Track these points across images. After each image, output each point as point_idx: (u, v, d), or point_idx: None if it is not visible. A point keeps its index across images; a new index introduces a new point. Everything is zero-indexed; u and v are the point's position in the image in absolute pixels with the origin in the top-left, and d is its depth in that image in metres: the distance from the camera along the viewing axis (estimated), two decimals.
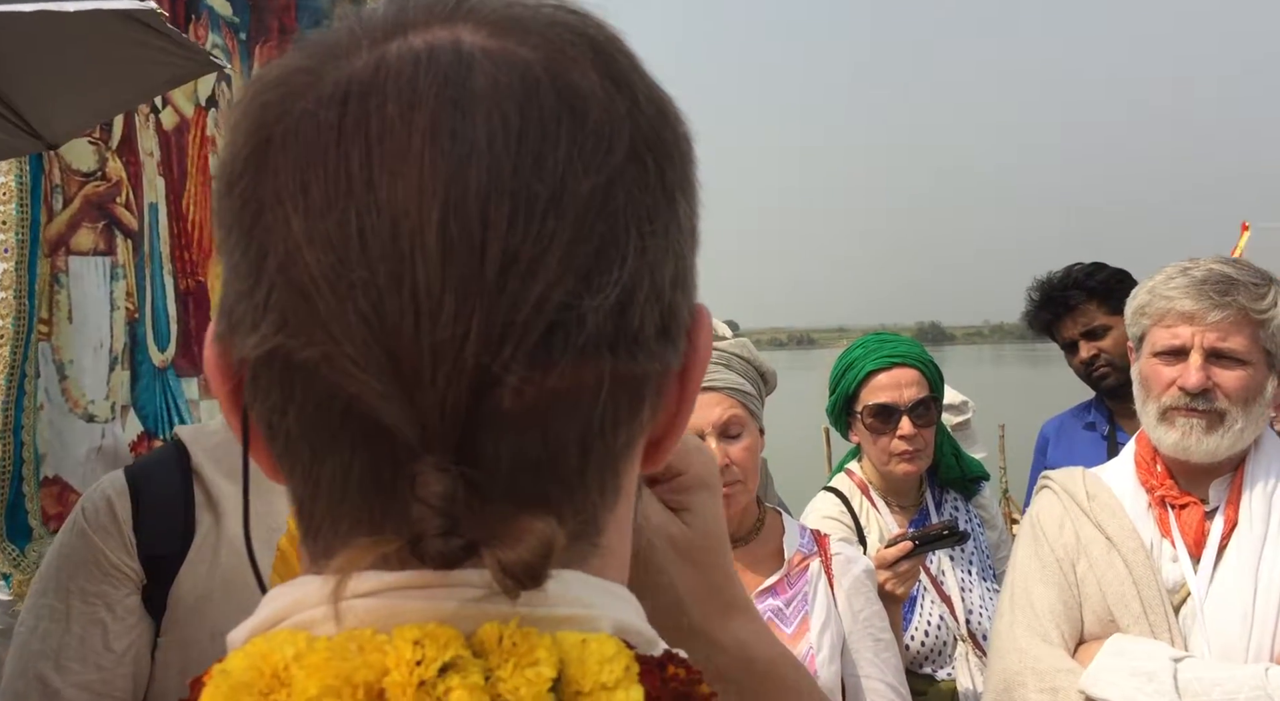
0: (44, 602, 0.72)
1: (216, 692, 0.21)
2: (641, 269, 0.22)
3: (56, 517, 1.81)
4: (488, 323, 0.20)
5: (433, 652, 0.20)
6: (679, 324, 0.24)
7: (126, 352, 2.09)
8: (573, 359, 0.21)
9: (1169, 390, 0.94)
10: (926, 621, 1.24)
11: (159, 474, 0.76)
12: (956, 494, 1.36)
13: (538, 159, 0.21)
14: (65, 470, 1.85)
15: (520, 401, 0.21)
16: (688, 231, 0.24)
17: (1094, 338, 1.63)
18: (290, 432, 0.22)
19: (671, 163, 0.23)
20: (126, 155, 2.13)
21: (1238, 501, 0.94)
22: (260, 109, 0.22)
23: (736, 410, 1.01)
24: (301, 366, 0.21)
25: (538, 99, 0.21)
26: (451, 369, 0.20)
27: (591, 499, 0.23)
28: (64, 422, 1.87)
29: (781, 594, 1.01)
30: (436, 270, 0.20)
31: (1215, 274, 0.93)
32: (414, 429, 0.20)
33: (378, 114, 0.21)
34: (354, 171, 0.20)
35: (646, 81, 0.24)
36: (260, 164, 0.22)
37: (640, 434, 0.24)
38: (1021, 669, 0.92)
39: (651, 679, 0.22)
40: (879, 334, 1.38)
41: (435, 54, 0.22)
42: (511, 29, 0.23)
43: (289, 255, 0.21)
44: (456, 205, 0.20)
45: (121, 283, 2.11)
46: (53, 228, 1.94)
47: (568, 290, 0.21)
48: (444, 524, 0.20)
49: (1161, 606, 0.91)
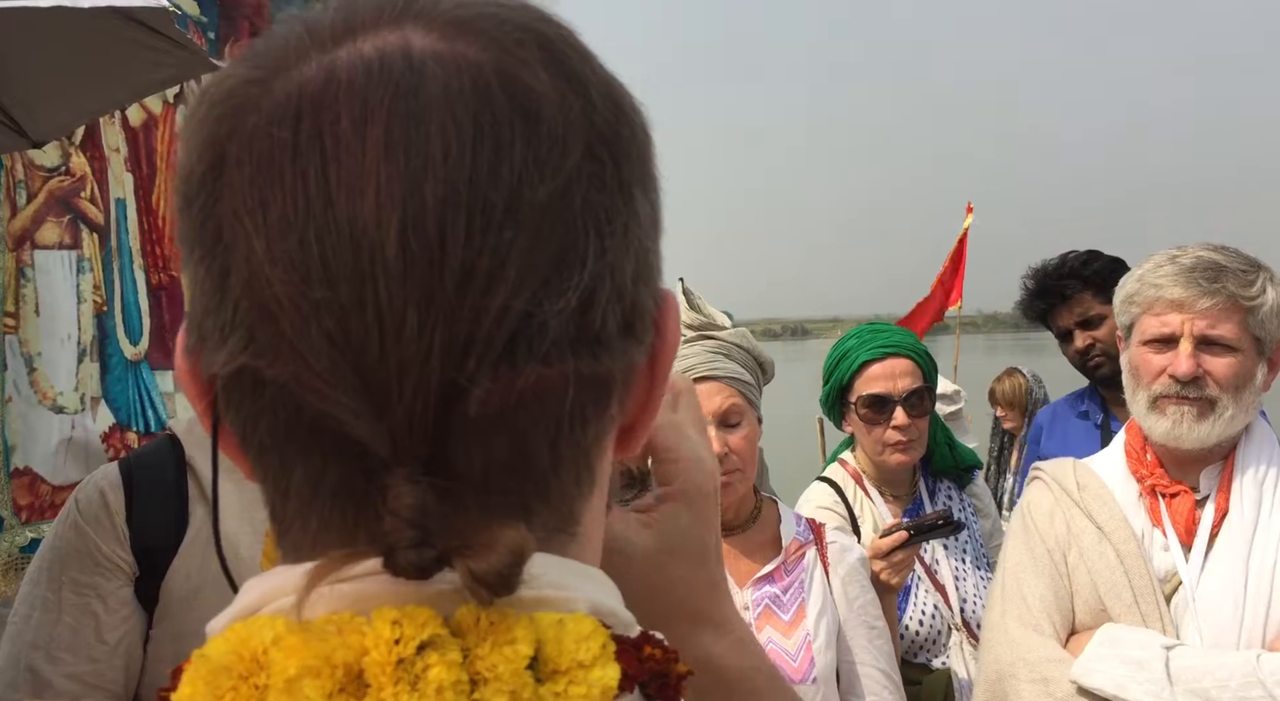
0: (37, 593, 0.71)
1: (196, 676, 0.21)
2: (602, 270, 0.22)
3: (28, 508, 1.79)
4: (450, 336, 0.20)
5: (411, 631, 0.20)
6: (644, 318, 0.24)
7: (95, 345, 2.07)
8: (536, 364, 0.21)
9: (1159, 378, 0.94)
10: (921, 610, 1.24)
11: (153, 467, 0.76)
12: (950, 483, 1.36)
13: (493, 168, 0.21)
14: (35, 461, 1.83)
15: (487, 409, 0.21)
16: (649, 224, 0.24)
17: (1089, 327, 1.64)
18: (262, 443, 0.23)
19: (629, 158, 0.23)
20: (91, 151, 2.09)
21: (1228, 489, 0.94)
22: (213, 123, 0.22)
23: (736, 399, 1.00)
24: (270, 383, 0.21)
25: (490, 105, 0.21)
26: (417, 383, 0.20)
27: (568, 492, 0.24)
28: (33, 414, 1.85)
29: (778, 581, 1.01)
30: (398, 287, 0.20)
31: (1204, 261, 0.93)
32: (384, 443, 0.21)
33: (331, 130, 0.21)
34: (311, 190, 0.21)
35: (600, 76, 0.24)
36: (217, 181, 0.22)
37: (610, 426, 0.25)
38: (1013, 659, 0.92)
39: (628, 658, 0.22)
40: (872, 324, 1.38)
41: (386, 62, 0.21)
42: (461, 30, 0.22)
43: (252, 275, 0.21)
44: (414, 221, 0.20)
45: (89, 276, 2.07)
46: (17, 222, 1.93)
47: (528, 298, 0.21)
48: (416, 535, 0.20)
49: (1153, 595, 0.92)
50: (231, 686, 0.20)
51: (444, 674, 0.20)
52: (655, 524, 0.33)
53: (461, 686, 0.20)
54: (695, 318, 1.06)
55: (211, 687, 0.20)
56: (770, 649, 0.98)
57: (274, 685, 0.20)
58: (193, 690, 0.20)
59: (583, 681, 0.21)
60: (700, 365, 1.01)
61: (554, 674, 0.21)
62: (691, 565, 0.33)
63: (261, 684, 0.20)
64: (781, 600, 1.00)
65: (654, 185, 0.24)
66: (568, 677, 0.21)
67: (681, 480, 0.33)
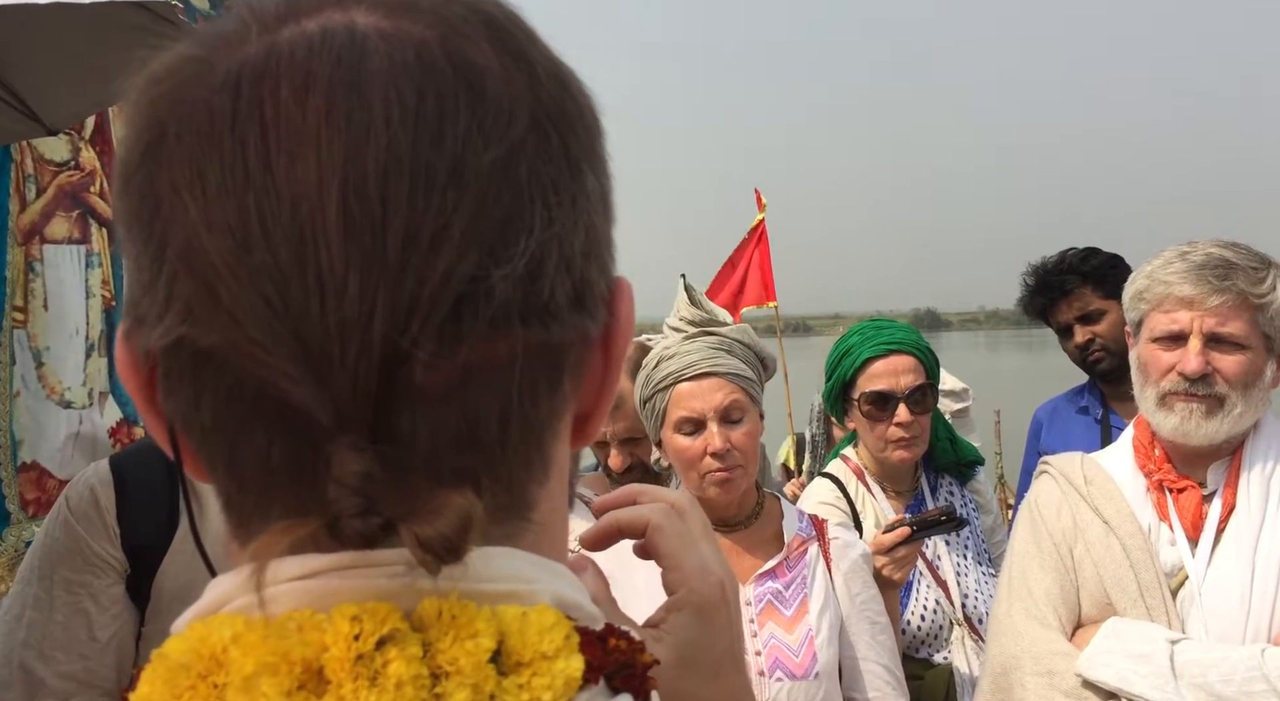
0: (28, 591, 0.71)
1: (154, 676, 0.20)
2: (549, 239, 0.22)
3: (35, 502, 1.81)
4: (393, 299, 0.20)
5: (370, 627, 0.20)
6: (594, 294, 0.24)
7: (104, 340, 2.08)
8: (483, 331, 0.21)
9: (1168, 375, 0.93)
10: (923, 605, 1.24)
11: (143, 464, 0.75)
12: (951, 479, 1.36)
13: (436, 135, 0.21)
14: (43, 456, 1.84)
15: (433, 376, 0.21)
16: (598, 203, 0.24)
17: (1089, 322, 1.64)
18: (205, 424, 0.22)
19: (575, 135, 0.23)
20: (100, 144, 2.10)
21: (1236, 485, 0.94)
22: (152, 102, 0.22)
23: (738, 395, 1.01)
24: (209, 355, 0.21)
25: (434, 76, 0.21)
26: (360, 347, 0.20)
27: (517, 473, 0.23)
28: (41, 409, 1.86)
29: (781, 577, 1.01)
30: (339, 250, 0.20)
31: (1214, 258, 0.92)
32: (327, 409, 0.20)
33: (271, 98, 0.20)
34: (250, 156, 0.20)
35: (545, 55, 0.24)
36: (155, 156, 0.21)
37: (563, 407, 0.24)
38: (1019, 652, 0.92)
39: (592, 649, 0.22)
40: (875, 320, 1.37)
41: (329, 36, 0.21)
42: (406, 9, 0.22)
43: (189, 243, 0.20)
44: (356, 184, 0.20)
45: (97, 270, 2.08)
46: (26, 217, 1.93)
47: (474, 263, 0.21)
48: (360, 503, 0.20)
49: (1159, 589, 0.91)
50: (190, 685, 0.20)
51: (403, 668, 0.19)
52: (666, 637, 0.32)
53: (422, 680, 0.19)
54: (697, 314, 1.06)
55: (170, 686, 0.20)
56: (772, 644, 0.98)
57: (232, 683, 0.19)
58: (151, 689, 0.20)
59: (546, 672, 0.20)
60: (702, 361, 1.01)
61: (517, 666, 0.20)
62: (705, 677, 0.32)
63: (220, 682, 0.20)
64: (784, 596, 1.00)
65: (603, 168, 0.24)
66: (531, 669, 0.20)
67: (687, 589, 0.33)
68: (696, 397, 0.99)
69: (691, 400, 1.00)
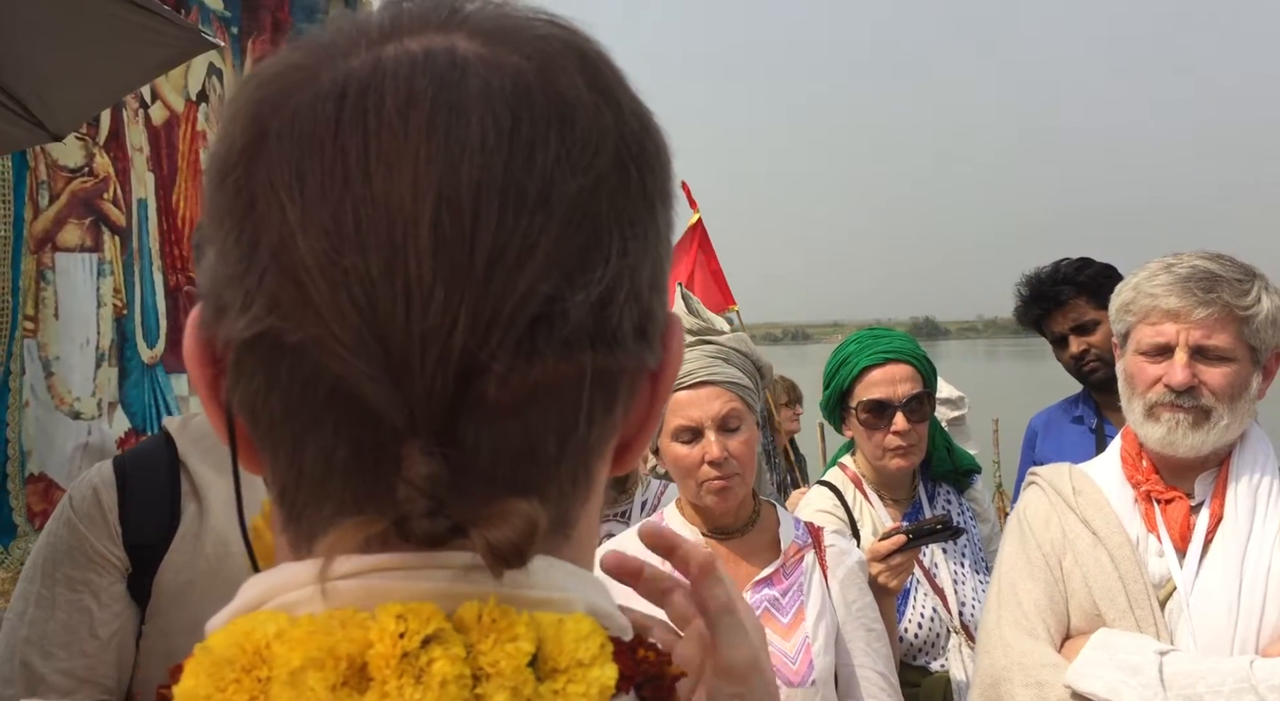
0: (31, 589, 0.72)
1: (198, 669, 0.21)
2: (623, 270, 0.23)
3: (42, 514, 1.80)
4: (476, 312, 0.21)
5: (416, 625, 0.20)
6: (655, 325, 0.25)
7: (114, 349, 2.07)
8: (556, 351, 0.22)
9: (1154, 387, 0.94)
10: (920, 613, 1.25)
11: (145, 464, 0.76)
12: (949, 487, 1.37)
13: (528, 159, 0.22)
14: (51, 467, 1.84)
15: (505, 391, 0.21)
16: (665, 239, 0.25)
17: (1084, 332, 1.65)
18: (274, 416, 0.23)
19: (653, 172, 0.24)
20: (114, 151, 2.11)
21: (1223, 496, 0.95)
22: (256, 103, 0.23)
23: (735, 404, 1.02)
24: (290, 349, 0.22)
25: (529, 103, 0.22)
26: (440, 355, 0.21)
27: (565, 491, 0.24)
28: (50, 419, 1.86)
29: (777, 584, 1.02)
30: (428, 261, 0.21)
31: (1200, 271, 0.94)
32: (401, 412, 0.21)
33: (375, 110, 0.21)
34: (351, 163, 0.21)
35: (630, 95, 0.25)
36: (255, 155, 0.22)
37: (613, 432, 0.25)
38: (1008, 664, 0.93)
39: (624, 658, 0.22)
40: (873, 329, 1.39)
41: (432, 57, 0.22)
42: (504, 38, 0.23)
43: (283, 242, 0.21)
44: (449, 199, 0.21)
45: (109, 279, 2.08)
46: (39, 224, 1.92)
47: (554, 284, 0.21)
48: (430, 504, 0.21)
49: (1147, 600, 0.92)
50: (234, 678, 0.20)
51: (448, 668, 0.20)
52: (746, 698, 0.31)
53: (465, 680, 0.20)
54: (695, 323, 1.08)
55: (214, 680, 0.20)
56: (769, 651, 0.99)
57: (277, 676, 0.20)
58: (195, 682, 0.21)
59: (581, 680, 0.21)
60: (700, 370, 1.03)
61: (554, 672, 0.21)
62: None
63: (264, 676, 0.20)
64: (780, 603, 1.01)
65: (672, 204, 0.25)
66: (567, 676, 0.21)
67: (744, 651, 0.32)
68: (694, 406, 1.01)
69: (689, 408, 1.01)
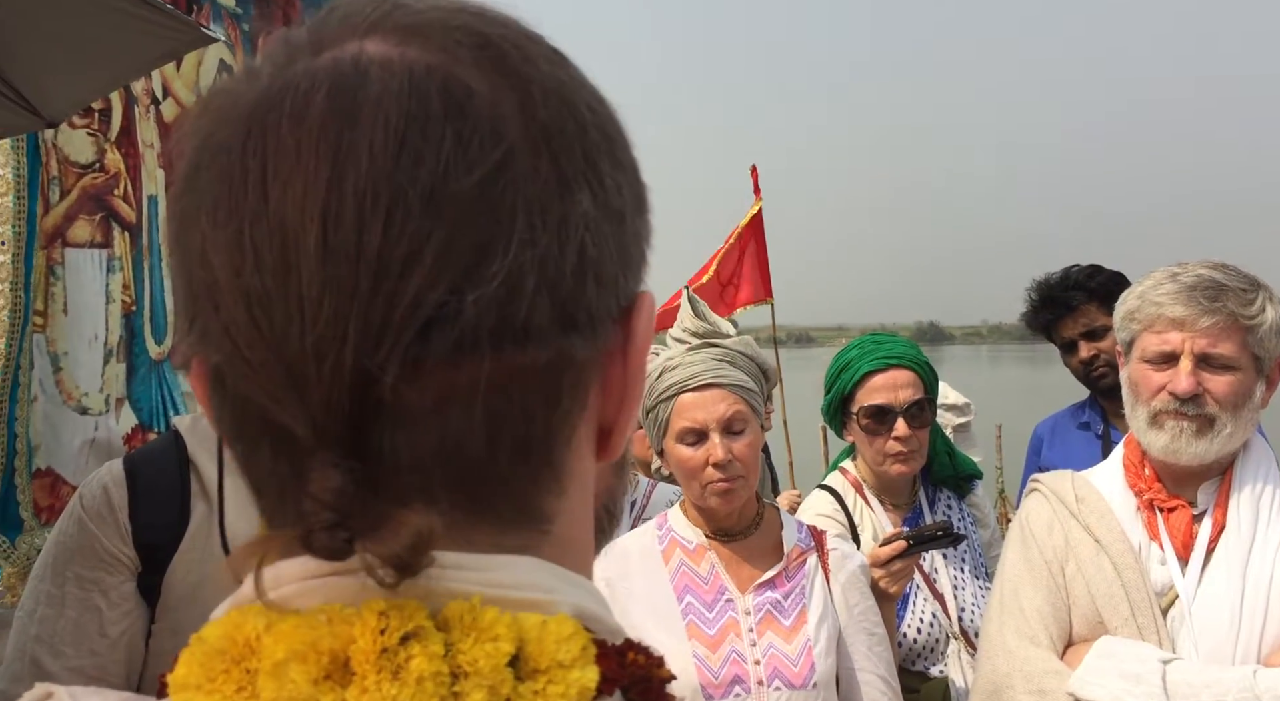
0: (41, 588, 0.73)
1: (192, 658, 0.22)
2: (529, 260, 0.22)
3: (49, 510, 1.80)
4: (364, 323, 0.21)
5: (396, 623, 0.21)
6: (589, 312, 0.24)
7: (122, 345, 2.07)
8: (448, 354, 0.21)
9: (1159, 395, 0.94)
10: (919, 618, 1.25)
11: (155, 463, 0.77)
12: (950, 492, 1.37)
13: (416, 159, 0.21)
14: (58, 462, 1.84)
15: (405, 397, 0.21)
16: (602, 218, 0.24)
17: (1094, 338, 1.65)
18: (228, 434, 0.24)
19: (570, 153, 0.23)
20: (125, 147, 2.12)
21: (1226, 504, 0.95)
22: (192, 134, 0.24)
23: (740, 407, 1.02)
24: (219, 372, 0.23)
25: (423, 101, 0.22)
26: (333, 367, 0.21)
27: (523, 487, 0.24)
28: (57, 415, 1.86)
29: (780, 587, 1.03)
30: (316, 274, 0.21)
31: (1205, 279, 0.94)
32: (305, 427, 0.21)
33: (274, 129, 0.22)
34: (250, 185, 0.22)
35: (542, 72, 0.24)
36: (188, 183, 0.23)
37: (572, 422, 0.24)
38: (1010, 671, 0.93)
39: (609, 662, 0.22)
40: (875, 334, 1.39)
41: (337, 68, 0.23)
42: (419, 35, 0.23)
43: (201, 266, 0.22)
44: (335, 211, 0.21)
45: (118, 275, 2.09)
46: (49, 219, 1.92)
47: (447, 286, 0.21)
48: (331, 517, 0.21)
49: (1150, 608, 0.92)
50: (224, 668, 0.21)
51: (425, 665, 0.20)
52: None
53: (442, 678, 0.20)
54: (700, 325, 1.08)
55: (206, 669, 0.21)
56: (771, 654, 0.99)
57: (263, 668, 0.20)
58: (188, 671, 0.21)
59: (561, 681, 0.21)
60: (704, 373, 1.03)
61: (534, 672, 0.21)
62: None
63: (252, 667, 0.21)
64: (783, 606, 1.02)
65: (605, 180, 0.24)
66: (546, 677, 0.21)
67: None
68: (699, 408, 1.01)
69: (694, 411, 1.01)
